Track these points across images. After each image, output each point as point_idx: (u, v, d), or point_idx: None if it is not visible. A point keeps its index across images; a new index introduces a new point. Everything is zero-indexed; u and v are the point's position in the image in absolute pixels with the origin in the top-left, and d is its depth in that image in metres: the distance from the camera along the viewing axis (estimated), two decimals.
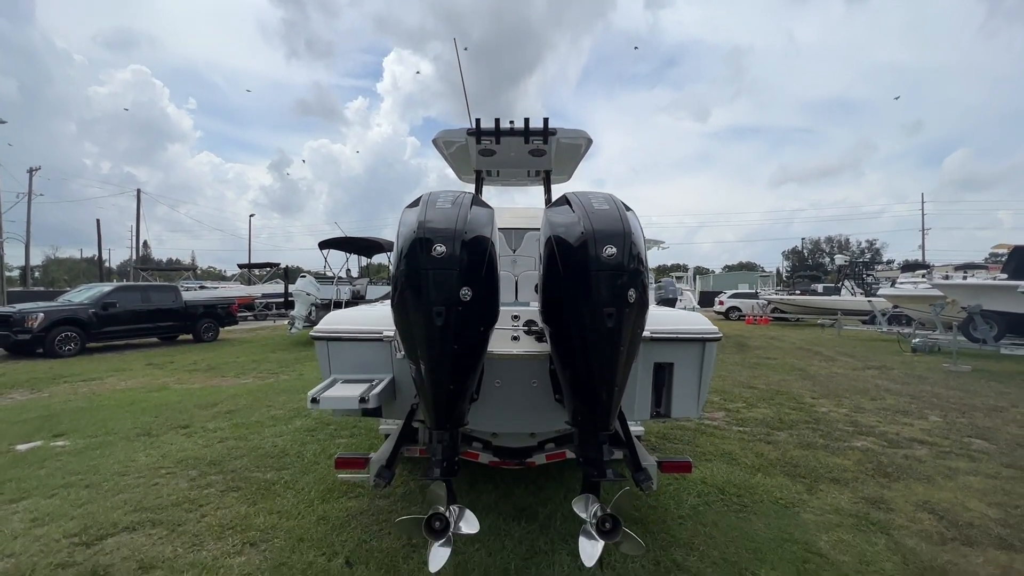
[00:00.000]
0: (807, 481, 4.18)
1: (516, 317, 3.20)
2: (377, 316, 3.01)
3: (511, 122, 4.27)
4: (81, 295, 12.93)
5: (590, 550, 2.12)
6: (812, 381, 8.50)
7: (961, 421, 5.93)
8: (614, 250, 2.15)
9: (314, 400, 2.49)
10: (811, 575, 2.87)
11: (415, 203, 2.42)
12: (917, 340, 11.23)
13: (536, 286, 3.72)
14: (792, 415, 6.19)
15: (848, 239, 77.49)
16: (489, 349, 2.82)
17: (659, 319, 2.96)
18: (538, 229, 5.81)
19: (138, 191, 37.64)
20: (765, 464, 4.53)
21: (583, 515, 2.19)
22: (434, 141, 4.70)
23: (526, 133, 4.29)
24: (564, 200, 2.56)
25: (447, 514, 2.16)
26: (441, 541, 2.14)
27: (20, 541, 3.04)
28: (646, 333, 2.75)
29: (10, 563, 2.81)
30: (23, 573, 2.70)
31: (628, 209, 2.42)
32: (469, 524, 2.18)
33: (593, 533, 2.15)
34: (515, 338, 3.03)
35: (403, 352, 2.39)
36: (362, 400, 2.50)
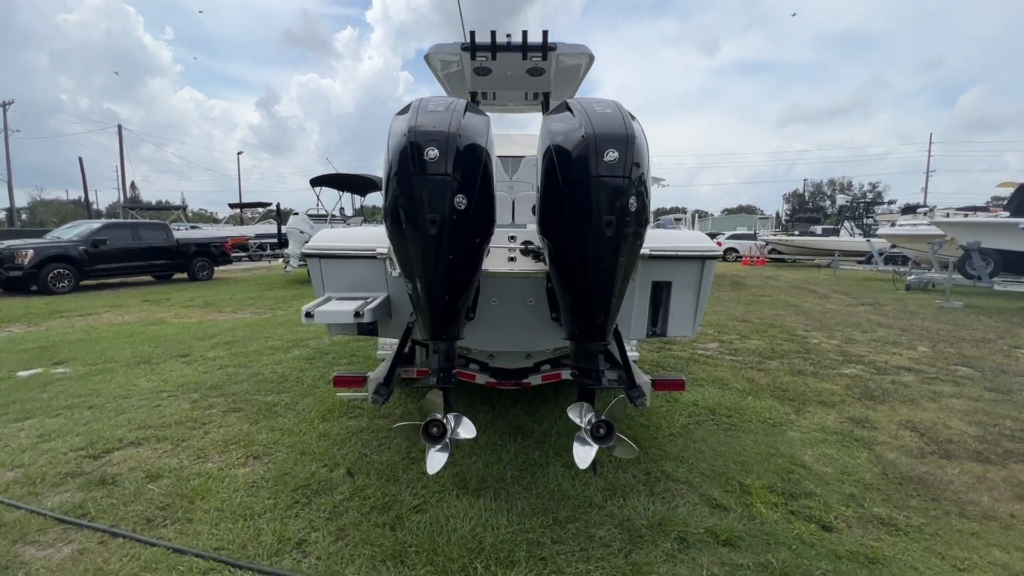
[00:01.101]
0: (795, 404, 4.29)
1: (513, 238, 3.13)
2: (371, 234, 2.94)
3: (508, 36, 4.00)
4: (70, 232, 12.70)
5: (584, 454, 2.18)
6: (805, 316, 8.61)
7: (949, 351, 6.05)
8: (616, 155, 2.05)
9: (308, 314, 2.46)
10: (794, 483, 2.99)
11: (405, 110, 2.28)
12: (912, 277, 11.30)
13: (533, 207, 3.62)
14: (784, 346, 6.30)
15: (851, 181, 76.32)
16: (485, 267, 2.77)
17: (659, 237, 2.90)
18: (534, 155, 5.62)
19: (119, 127, 36.18)
20: (756, 389, 4.64)
21: (577, 421, 2.23)
22: (426, 57, 4.42)
23: (524, 48, 4.02)
24: (564, 106, 2.42)
25: (444, 421, 2.19)
26: (438, 446, 2.19)
27: (28, 454, 3.12)
28: (645, 250, 2.69)
29: (20, 473, 2.89)
30: (33, 481, 2.78)
31: (633, 118, 2.29)
32: (466, 430, 2.22)
33: (587, 439, 2.19)
34: (512, 259, 2.98)
35: (398, 270, 2.34)
36: (357, 315, 2.47)
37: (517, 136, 6.20)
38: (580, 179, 2.09)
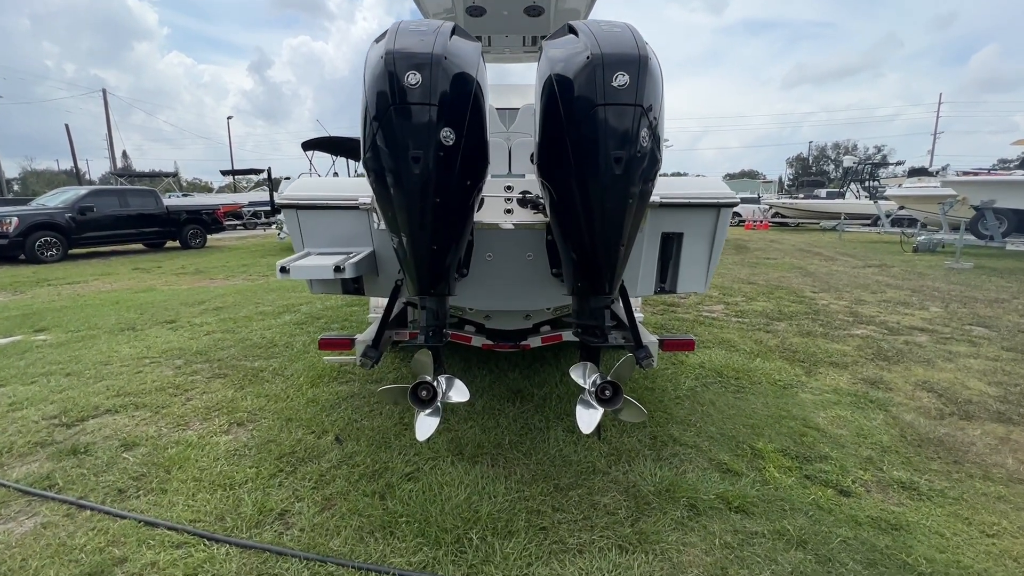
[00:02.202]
0: (806, 365, 4.12)
1: (509, 188, 2.86)
2: (353, 184, 2.67)
3: None
4: (55, 199, 12.33)
5: (588, 418, 1.98)
6: (812, 278, 8.39)
7: (962, 311, 5.85)
8: (626, 78, 1.77)
9: (283, 269, 2.23)
10: (808, 447, 2.83)
11: (383, 36, 1.98)
12: (922, 238, 11.02)
13: (532, 155, 3.33)
14: (792, 307, 6.10)
15: (856, 144, 74.91)
16: (479, 219, 2.53)
17: (669, 184, 2.64)
18: (532, 104, 5.25)
19: (103, 91, 35.00)
20: (764, 350, 4.46)
21: (581, 382, 2.03)
22: None
23: None
24: (567, 29, 2.11)
25: (434, 383, 1.99)
26: (429, 410, 2.00)
27: None
28: (655, 198, 2.44)
29: None
30: None
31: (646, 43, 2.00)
32: (458, 393, 2.02)
33: (591, 401, 2.00)
34: (509, 211, 2.72)
35: (381, 221, 2.08)
36: (337, 269, 2.24)
37: (515, 87, 5.83)
38: (584, 108, 1.82)
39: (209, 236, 15.43)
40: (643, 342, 2.77)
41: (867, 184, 22.11)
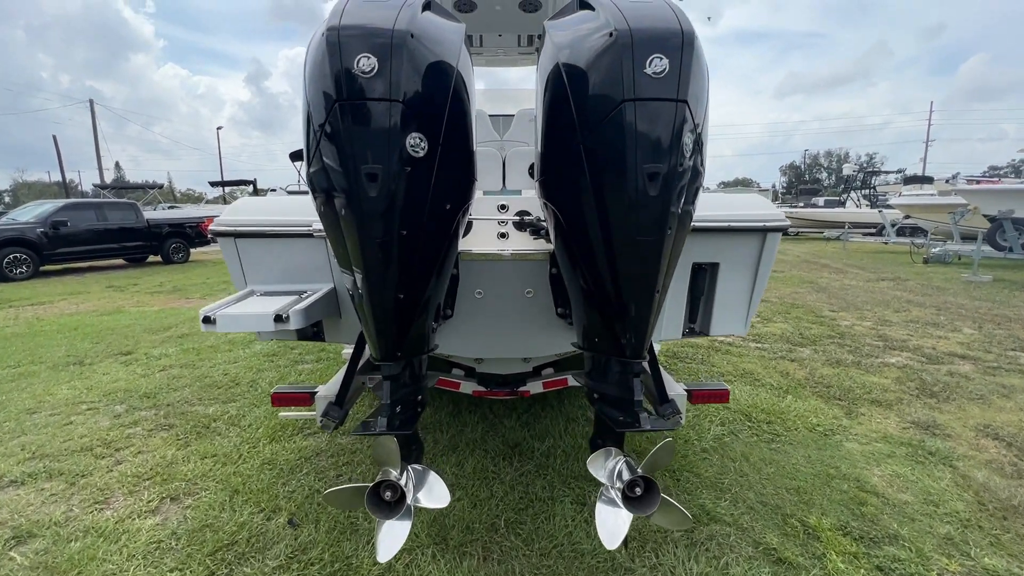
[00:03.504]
0: (844, 404, 3.60)
1: (504, 207, 2.35)
2: (305, 204, 2.16)
3: None
4: (27, 213, 11.74)
5: (612, 525, 1.45)
6: (826, 293, 7.91)
7: (999, 333, 5.37)
8: (665, 63, 1.27)
9: (207, 320, 1.70)
10: (870, 521, 2.31)
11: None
12: (937, 250, 10.58)
13: (531, 167, 2.81)
14: (813, 329, 5.60)
15: (848, 152, 75.41)
16: (465, 247, 2.02)
17: (702, 201, 2.15)
18: (531, 108, 4.73)
19: (91, 102, 34.38)
20: (793, 385, 3.94)
21: (602, 478, 1.50)
22: None
23: None
24: (577, 4, 1.61)
25: (401, 481, 1.46)
26: (396, 516, 1.47)
27: None
28: None
29: None
30: None
31: None
32: (434, 495, 1.49)
33: (617, 500, 1.47)
34: (503, 235, 2.21)
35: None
36: (279, 319, 1.71)
37: (510, 91, 5.35)
38: (606, 105, 1.32)
39: (193, 250, 14.84)
40: (668, 395, 2.26)
41: (867, 192, 21.80)
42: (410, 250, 1.41)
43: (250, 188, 24.57)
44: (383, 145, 1.29)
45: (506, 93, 5.18)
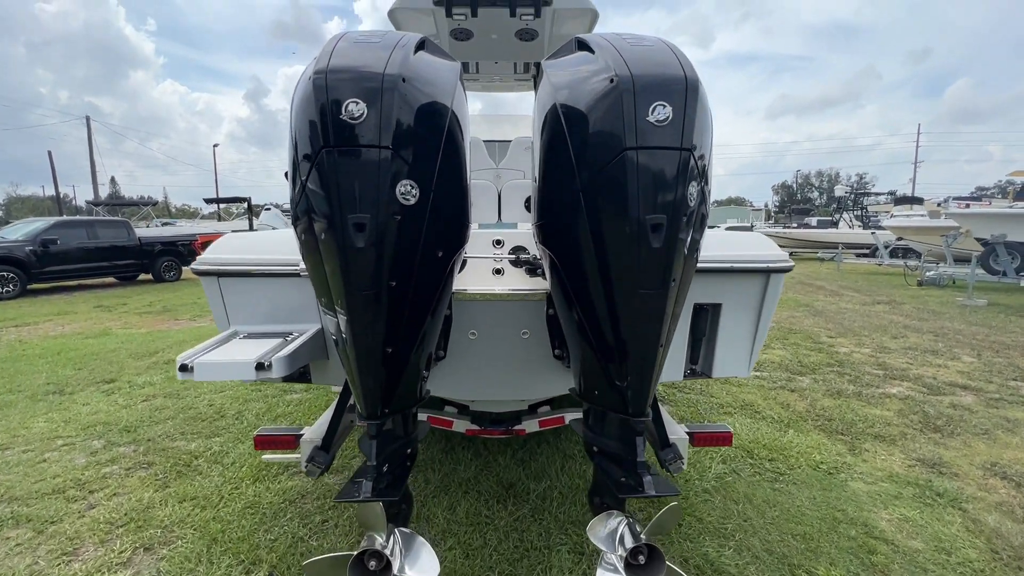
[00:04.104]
0: (847, 439, 3.52)
1: (499, 242, 2.29)
2: (292, 241, 2.08)
3: None
4: (17, 232, 11.59)
5: None
6: (823, 317, 7.87)
7: (998, 361, 5.32)
8: (668, 111, 1.22)
9: (184, 367, 1.60)
10: (882, 572, 2.21)
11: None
12: (931, 273, 10.60)
13: (527, 200, 2.75)
14: (812, 357, 5.53)
15: (838, 173, 76.70)
16: (460, 287, 1.94)
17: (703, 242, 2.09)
18: (527, 137, 4.69)
19: (87, 118, 34.49)
20: (794, 418, 3.86)
21: (603, 545, 1.40)
22: (390, 14, 3.53)
23: (512, 3, 3.18)
24: (577, 44, 1.57)
25: (387, 548, 1.36)
26: None
27: None
28: None
29: None
30: None
31: None
32: (422, 565, 1.38)
33: (619, 568, 1.37)
34: (498, 271, 2.14)
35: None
36: (261, 367, 1.62)
37: (506, 117, 5.34)
38: (607, 153, 1.26)
39: (185, 268, 14.69)
40: (669, 438, 2.17)
41: (858, 213, 22.05)
42: (400, 301, 1.33)
43: (244, 205, 24.55)
44: (372, 194, 1.23)
45: (501, 118, 5.17)
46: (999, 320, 7.56)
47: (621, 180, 1.24)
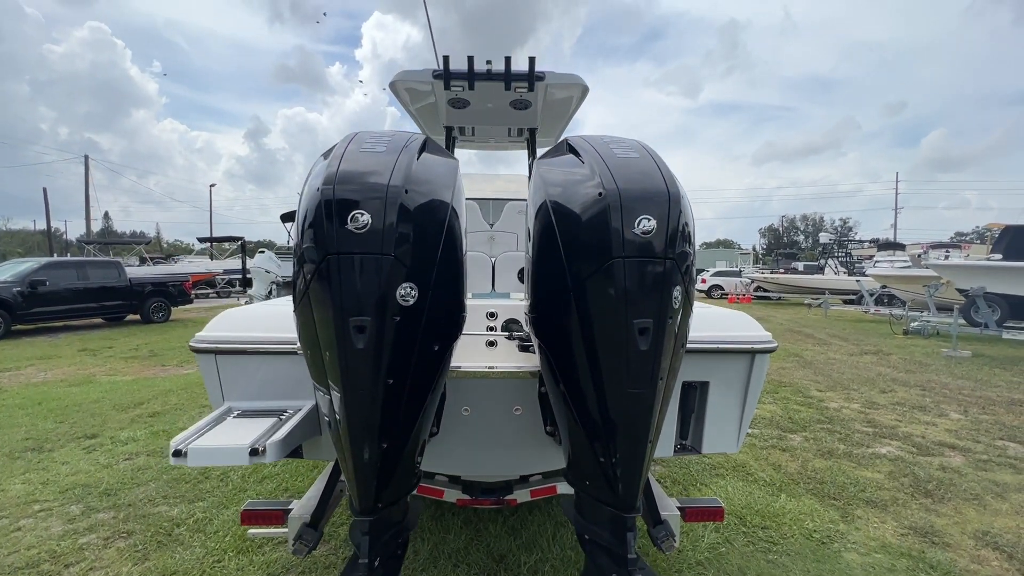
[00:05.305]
0: (839, 504, 3.50)
1: (493, 315, 2.35)
2: (289, 316, 2.13)
3: (488, 63, 3.34)
4: (4, 272, 11.51)
5: None
6: (812, 369, 7.94)
7: (984, 418, 5.38)
8: (653, 224, 1.31)
9: (178, 453, 1.61)
10: None
11: (331, 150, 1.52)
12: (916, 324, 10.80)
13: (520, 272, 2.82)
14: (802, 413, 5.55)
15: (823, 217, 78.93)
16: (454, 364, 1.97)
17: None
18: (521, 200, 4.86)
19: (86, 157, 34.90)
20: (786, 480, 3.85)
21: None
22: (392, 86, 3.72)
23: (507, 77, 3.36)
24: (566, 147, 1.68)
25: None
26: None
27: None
28: None
29: None
30: None
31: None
32: None
33: None
34: (491, 343, 2.19)
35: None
36: (255, 452, 1.63)
37: (501, 177, 5.53)
38: (595, 260, 1.34)
39: (175, 308, 14.56)
40: (661, 514, 2.17)
41: (841, 258, 22.61)
42: (395, 395, 1.37)
43: (237, 244, 24.65)
44: (373, 297, 1.29)
45: (495, 177, 5.35)
46: (984, 373, 7.67)
47: (609, 286, 1.32)
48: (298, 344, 1.93)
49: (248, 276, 13.39)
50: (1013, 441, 4.72)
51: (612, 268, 1.31)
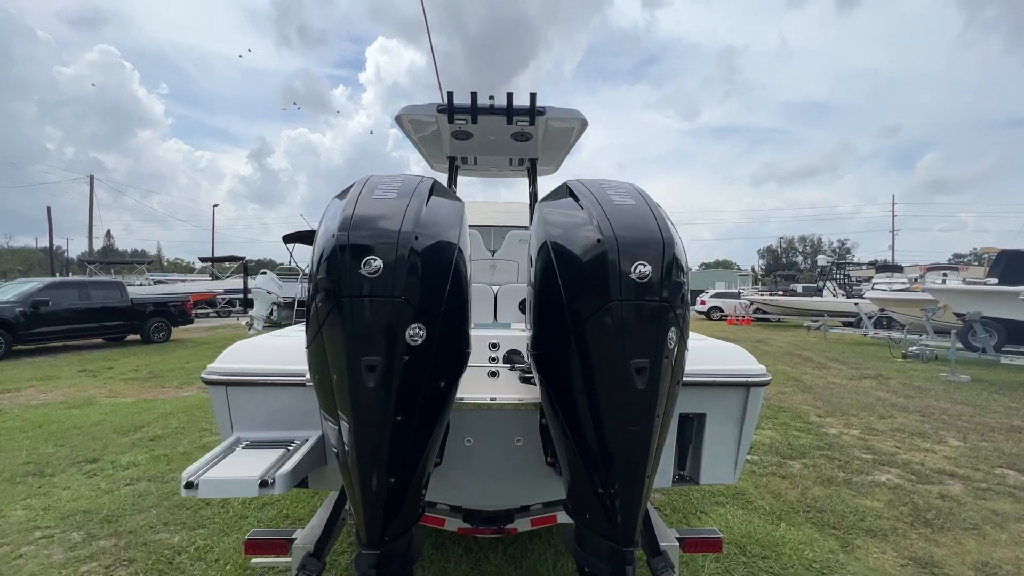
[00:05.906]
0: (839, 533, 3.51)
1: (495, 345, 2.41)
2: (299, 349, 2.19)
3: (491, 98, 3.47)
4: (7, 292, 11.58)
5: None
6: (811, 394, 7.95)
7: (984, 445, 5.39)
8: (648, 268, 1.39)
9: (190, 485, 1.66)
10: None
11: (345, 192, 1.62)
12: (915, 348, 10.83)
13: (522, 303, 2.91)
14: (802, 439, 5.56)
15: (821, 239, 79.48)
16: (457, 396, 2.03)
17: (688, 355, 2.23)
18: (523, 228, 4.97)
19: (91, 177, 35.32)
20: (786, 508, 3.85)
21: None
22: (398, 119, 3.85)
23: (509, 112, 3.49)
24: (566, 191, 1.78)
25: None
26: None
27: None
28: None
29: None
30: None
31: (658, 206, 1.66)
32: None
33: None
34: (493, 373, 2.25)
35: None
36: (264, 484, 1.68)
37: (501, 204, 5.65)
38: (593, 302, 1.42)
39: (175, 328, 14.59)
40: (660, 546, 2.20)
41: (841, 281, 22.74)
42: (403, 431, 1.43)
43: (238, 264, 24.78)
44: (384, 338, 1.36)
45: (496, 207, 5.46)
46: (982, 399, 7.68)
47: (606, 328, 1.39)
48: (307, 376, 2.01)
49: (249, 296, 13.45)
50: (1012, 469, 4.73)
51: (610, 310, 1.38)
